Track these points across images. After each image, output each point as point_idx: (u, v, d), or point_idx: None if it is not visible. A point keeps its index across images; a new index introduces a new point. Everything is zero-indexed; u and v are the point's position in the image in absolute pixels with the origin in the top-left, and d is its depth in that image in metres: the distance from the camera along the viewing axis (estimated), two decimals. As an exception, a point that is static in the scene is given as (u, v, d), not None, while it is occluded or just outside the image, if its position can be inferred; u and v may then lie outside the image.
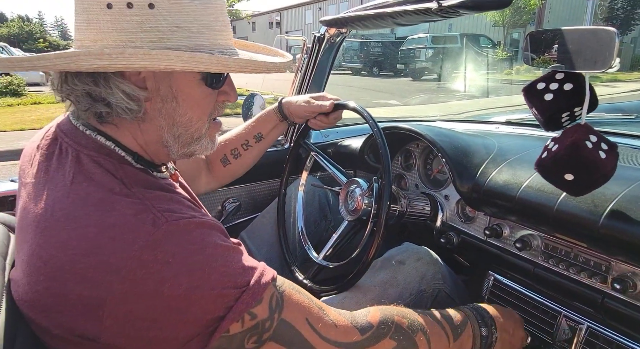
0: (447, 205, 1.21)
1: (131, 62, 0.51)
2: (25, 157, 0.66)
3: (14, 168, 4.94)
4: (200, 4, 0.57)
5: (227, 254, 0.55)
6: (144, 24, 0.54)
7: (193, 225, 0.53)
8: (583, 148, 0.69)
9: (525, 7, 17.02)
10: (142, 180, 0.58)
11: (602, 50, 0.65)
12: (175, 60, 0.52)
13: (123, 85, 0.55)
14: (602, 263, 0.82)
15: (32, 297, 0.53)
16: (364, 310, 0.70)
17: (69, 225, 0.51)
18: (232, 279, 0.54)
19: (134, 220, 0.51)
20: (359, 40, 16.75)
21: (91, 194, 0.53)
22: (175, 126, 0.62)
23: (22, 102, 9.51)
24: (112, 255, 0.49)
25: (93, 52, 0.51)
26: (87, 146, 0.58)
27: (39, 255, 0.52)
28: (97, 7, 0.54)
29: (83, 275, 0.49)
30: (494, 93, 5.42)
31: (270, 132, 1.15)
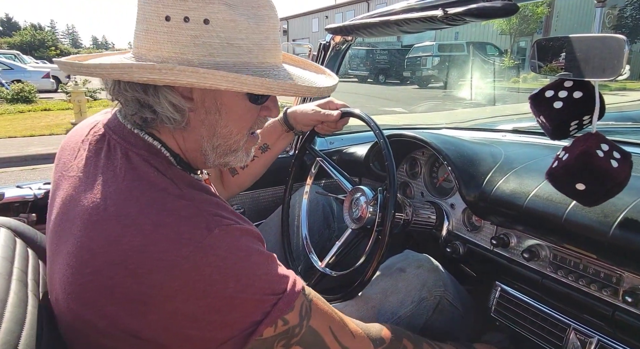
0: (453, 213, 1.19)
1: (179, 78, 0.53)
2: (66, 149, 0.68)
3: (23, 174, 5.00)
4: (253, 22, 0.58)
5: (267, 262, 0.58)
6: (197, 39, 0.56)
7: (240, 232, 0.56)
8: (594, 157, 0.67)
9: (532, 15, 17.02)
10: (188, 180, 0.60)
11: (611, 58, 0.64)
12: (220, 79, 0.54)
13: (170, 96, 0.58)
14: (613, 274, 0.80)
15: (76, 289, 0.54)
16: (377, 325, 0.75)
17: (122, 220, 0.52)
18: (272, 286, 0.56)
19: (189, 222, 0.53)
20: (365, 48, 16.83)
21: (145, 193, 0.55)
22: (215, 137, 0.64)
23: (32, 109, 9.65)
24: (166, 253, 0.50)
25: (145, 66, 0.54)
26: (135, 145, 0.60)
27: (88, 247, 0.53)
28: (156, 19, 0.56)
29: (134, 270, 0.50)
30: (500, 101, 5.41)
31: (276, 142, 1.15)
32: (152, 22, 0.57)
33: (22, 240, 0.77)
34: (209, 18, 0.56)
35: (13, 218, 0.84)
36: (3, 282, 0.62)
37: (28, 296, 0.63)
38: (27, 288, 0.65)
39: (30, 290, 0.65)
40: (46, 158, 5.60)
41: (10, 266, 0.67)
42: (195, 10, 0.55)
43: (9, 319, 0.56)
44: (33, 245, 0.79)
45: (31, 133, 6.91)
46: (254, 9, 0.59)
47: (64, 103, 10.02)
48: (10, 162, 5.42)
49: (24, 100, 10.43)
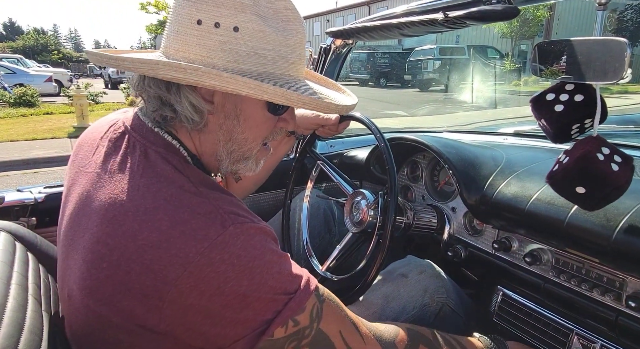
0: (454, 217, 1.19)
1: (203, 79, 0.54)
2: (83, 146, 0.69)
3: (25, 177, 5.01)
4: (281, 35, 0.60)
5: (281, 261, 0.58)
6: (225, 45, 0.57)
7: (254, 230, 0.56)
8: (593, 160, 0.67)
9: (533, 18, 17.04)
10: (205, 180, 0.61)
11: (612, 61, 0.64)
12: (242, 85, 0.55)
13: (191, 96, 0.59)
14: (616, 279, 0.79)
15: (92, 284, 0.54)
16: (393, 329, 0.73)
17: (139, 216, 0.53)
18: (284, 285, 0.57)
19: (205, 219, 0.53)
20: (366, 51, 16.87)
21: (162, 189, 0.55)
22: (231, 142, 0.65)
23: (35, 112, 9.68)
24: (182, 249, 0.51)
25: (172, 65, 0.55)
26: (155, 143, 0.61)
27: (105, 242, 0.53)
28: (188, 22, 0.58)
29: (150, 265, 0.51)
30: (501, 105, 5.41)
31: (278, 147, 1.15)
32: (184, 24, 0.58)
33: (21, 244, 0.77)
34: (239, 26, 0.57)
35: (13, 222, 0.84)
36: (2, 286, 0.62)
37: (28, 300, 0.63)
38: (27, 292, 0.65)
39: (31, 294, 0.65)
40: (48, 162, 5.61)
41: (10, 271, 0.67)
42: (226, 17, 0.57)
43: (8, 324, 0.55)
44: (33, 249, 0.79)
45: (33, 136, 6.94)
46: (283, 22, 0.61)
47: (66, 107, 10.07)
48: (13, 166, 5.43)
49: (27, 104, 10.47)
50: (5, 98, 10.65)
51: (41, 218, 1.08)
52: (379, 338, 0.68)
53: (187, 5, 0.58)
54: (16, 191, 1.09)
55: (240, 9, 0.57)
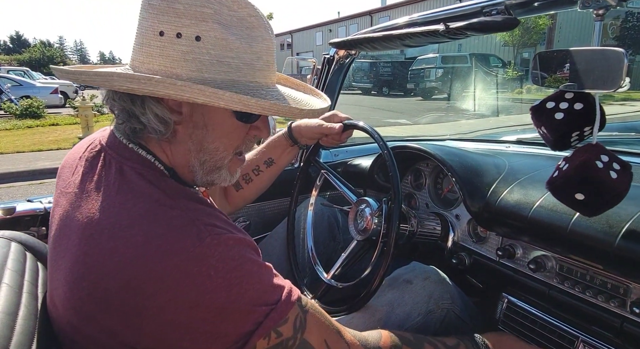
0: (458, 224, 1.19)
1: (157, 89, 0.54)
2: (65, 167, 0.69)
3: (31, 188, 5.04)
4: (245, 43, 0.60)
5: (261, 271, 0.57)
6: (187, 55, 0.57)
7: (232, 241, 0.55)
8: (593, 168, 0.68)
9: (535, 27, 17.11)
10: (183, 192, 0.61)
11: (611, 70, 0.65)
12: (197, 93, 0.54)
13: (155, 108, 0.59)
14: (620, 285, 0.79)
15: (75, 304, 0.54)
16: (376, 334, 0.73)
17: (115, 233, 0.53)
18: (264, 296, 0.56)
19: (180, 232, 0.53)
20: (369, 60, 16.96)
21: (137, 205, 0.55)
22: (202, 152, 0.64)
23: (40, 124, 9.78)
24: (158, 263, 0.51)
25: (126, 75, 0.55)
26: (130, 159, 0.61)
27: (83, 261, 0.54)
28: (151, 34, 0.58)
29: (128, 282, 0.51)
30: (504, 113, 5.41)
31: (281, 156, 1.16)
32: (147, 36, 0.59)
33: (32, 254, 0.78)
34: (201, 35, 0.57)
35: (23, 232, 0.86)
36: (14, 295, 0.63)
37: (38, 309, 0.64)
38: (37, 301, 0.66)
39: (41, 303, 0.66)
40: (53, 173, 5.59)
41: (21, 280, 0.68)
42: (188, 27, 0.57)
43: (20, 332, 0.56)
44: (42, 259, 0.80)
45: (39, 148, 7.00)
46: (248, 29, 0.61)
47: (71, 118, 10.17)
48: (19, 177, 5.47)
49: (33, 116, 10.59)
50: (11, 110, 10.78)
51: None
52: (364, 343, 0.70)
53: (149, 18, 0.58)
54: (26, 201, 1.11)
55: (202, 18, 0.57)
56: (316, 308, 0.64)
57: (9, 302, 0.60)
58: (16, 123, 9.66)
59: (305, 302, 0.62)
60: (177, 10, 0.57)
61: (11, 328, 0.56)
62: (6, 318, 0.57)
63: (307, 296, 1.08)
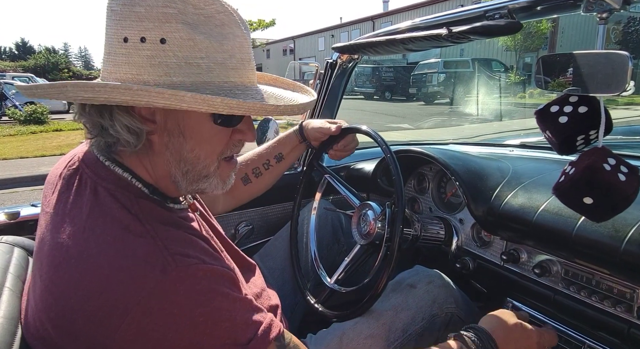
0: (462, 229, 1.19)
1: (112, 95, 0.51)
2: (48, 184, 0.67)
3: (34, 194, 5.05)
4: (215, 41, 0.56)
5: (232, 307, 0.54)
6: (153, 59, 0.54)
7: (202, 273, 0.52)
8: (600, 171, 0.67)
9: (537, 31, 17.13)
10: (157, 215, 0.58)
11: (615, 74, 0.65)
12: (156, 96, 0.51)
13: (123, 118, 0.56)
14: (626, 290, 0.78)
15: (45, 334, 0.53)
16: None
17: (81, 263, 0.51)
18: (234, 335, 0.53)
19: (144, 265, 0.51)
20: (371, 65, 17.02)
21: (106, 231, 0.53)
22: (182, 162, 0.61)
23: (44, 129, 9.84)
24: (121, 298, 0.49)
25: (79, 84, 0.52)
26: (105, 178, 0.59)
27: (50, 290, 0.52)
28: (116, 41, 0.56)
29: (92, 315, 0.49)
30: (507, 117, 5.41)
31: (290, 152, 1.17)
32: (112, 44, 0.56)
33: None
34: (166, 37, 0.54)
35: (26, 237, 0.86)
36: (17, 300, 0.63)
37: None
38: None
39: None
40: None
41: (22, 285, 0.68)
42: (151, 30, 0.54)
43: (21, 338, 0.56)
44: None
45: (42, 153, 7.03)
46: (217, 27, 0.57)
47: (74, 124, 10.15)
48: (22, 182, 5.48)
49: (37, 121, 10.66)
50: (16, 116, 10.86)
51: None
52: None
53: (113, 25, 0.56)
54: (30, 206, 1.11)
55: (165, 19, 0.54)
56: (299, 345, 0.60)
57: (11, 307, 0.60)
58: (20, 129, 9.73)
59: (288, 340, 0.58)
60: (139, 13, 0.54)
61: (12, 334, 0.56)
62: (8, 323, 0.57)
63: (310, 300, 1.07)
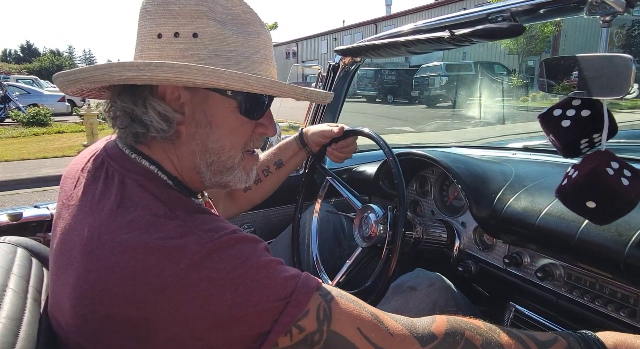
0: (464, 232, 1.18)
1: (156, 73, 0.54)
2: (67, 178, 0.68)
3: (34, 196, 5.06)
4: (242, 37, 0.61)
5: (268, 266, 0.54)
6: (186, 51, 0.58)
7: (234, 240, 0.54)
8: (603, 175, 0.67)
9: (540, 35, 17.12)
10: (184, 204, 0.60)
11: (618, 77, 0.65)
12: (197, 73, 0.54)
13: (157, 105, 0.58)
14: (630, 295, 0.78)
15: (78, 322, 0.53)
16: (428, 318, 0.63)
17: (116, 248, 0.52)
18: (275, 291, 0.53)
19: (179, 242, 0.52)
20: (374, 68, 17.03)
21: (137, 218, 0.54)
22: (207, 152, 0.63)
23: (47, 131, 9.87)
24: (159, 275, 0.50)
25: (124, 64, 0.54)
26: (132, 170, 0.60)
27: (85, 278, 0.53)
28: (150, 38, 0.59)
29: (130, 296, 0.50)
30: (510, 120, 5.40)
31: (290, 159, 1.17)
32: (146, 41, 0.60)
33: (37, 260, 0.78)
34: (198, 32, 0.58)
35: (29, 237, 0.86)
36: (19, 301, 0.63)
37: (42, 315, 0.64)
38: (41, 307, 0.66)
39: (43, 310, 0.66)
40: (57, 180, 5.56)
41: (26, 285, 0.68)
42: (184, 26, 0.58)
43: (23, 338, 0.56)
44: (48, 264, 0.80)
45: (44, 155, 7.04)
46: (243, 26, 0.62)
47: (77, 126, 10.25)
48: (22, 184, 5.47)
49: (39, 123, 10.69)
50: (19, 118, 10.90)
51: None
52: (411, 329, 0.59)
53: (146, 24, 0.60)
54: (33, 207, 1.12)
55: (197, 15, 0.58)
56: (343, 295, 0.59)
57: (14, 307, 0.60)
58: (23, 131, 9.76)
59: (329, 290, 0.57)
60: (173, 11, 0.58)
61: (15, 334, 0.56)
62: (10, 324, 0.57)
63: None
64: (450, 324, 0.62)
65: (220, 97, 0.61)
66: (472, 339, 0.60)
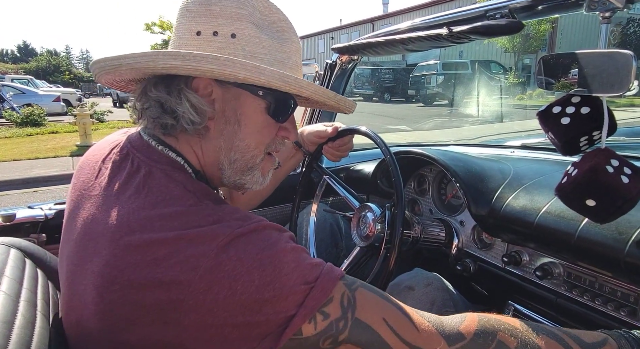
0: (463, 231, 1.18)
1: (200, 64, 0.55)
2: (84, 168, 0.68)
3: (24, 196, 5.01)
4: (277, 42, 0.65)
5: (295, 252, 0.55)
6: (223, 50, 0.61)
7: (262, 227, 0.55)
8: (603, 173, 0.66)
9: (536, 33, 17.17)
10: (210, 194, 0.61)
11: (618, 73, 0.64)
12: (240, 68, 0.57)
13: (191, 96, 0.60)
14: (630, 293, 0.77)
15: (106, 307, 0.53)
16: (458, 317, 0.61)
17: (146, 234, 0.53)
18: (302, 275, 0.53)
19: (208, 227, 0.53)
20: (370, 67, 17.04)
21: (167, 207, 0.55)
22: (233, 150, 0.65)
23: (40, 132, 9.81)
24: (192, 255, 0.50)
25: (170, 53, 0.56)
26: (159, 161, 0.61)
27: (114, 264, 0.53)
28: (188, 34, 0.62)
29: (162, 278, 0.50)
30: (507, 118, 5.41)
31: (286, 160, 1.16)
32: (184, 38, 0.62)
33: (31, 261, 0.77)
34: (236, 33, 0.61)
35: (23, 238, 0.85)
36: (11, 303, 0.62)
37: (37, 317, 0.63)
38: (36, 309, 0.65)
39: (39, 311, 0.65)
40: (48, 181, 5.61)
41: (19, 287, 0.67)
42: (224, 26, 0.61)
43: (15, 342, 0.55)
44: (42, 266, 0.79)
45: (36, 155, 6.99)
46: (278, 32, 0.66)
47: (71, 126, 10.19)
48: (12, 185, 5.43)
49: (33, 124, 10.63)
50: (12, 118, 10.83)
51: (51, 235, 1.09)
52: (438, 327, 0.57)
53: (186, 22, 0.62)
54: (27, 208, 1.10)
55: (237, 18, 0.61)
56: (368, 286, 0.58)
57: (5, 310, 0.59)
58: (16, 131, 9.70)
59: (353, 280, 0.57)
60: (214, 11, 0.61)
61: (7, 337, 0.55)
62: (2, 327, 0.55)
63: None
64: (482, 324, 0.59)
65: (251, 96, 0.63)
66: (506, 341, 0.58)
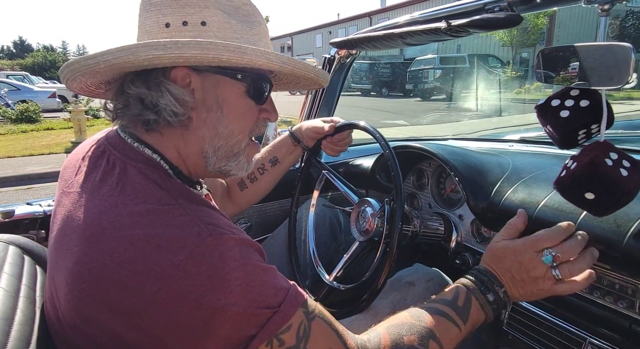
0: (462, 225, 1.18)
1: (183, 51, 0.55)
2: (68, 168, 0.69)
3: (17, 194, 4.99)
4: (246, 26, 0.65)
5: (263, 273, 0.56)
6: (196, 38, 0.60)
7: (234, 242, 0.54)
8: (602, 166, 0.66)
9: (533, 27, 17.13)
10: (185, 193, 0.60)
11: (617, 66, 0.64)
12: (222, 50, 0.57)
13: (172, 87, 0.59)
14: (628, 286, 0.78)
15: (76, 305, 0.53)
16: (375, 335, 0.68)
17: (115, 233, 0.52)
18: (266, 298, 0.54)
19: (180, 231, 0.52)
20: (368, 61, 16.99)
21: (139, 205, 0.55)
22: (217, 137, 0.65)
23: (35, 128, 9.75)
24: (158, 262, 0.50)
25: (150, 43, 0.55)
26: (134, 158, 0.61)
27: (84, 262, 0.53)
28: (157, 28, 0.61)
29: (127, 282, 0.50)
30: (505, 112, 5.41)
31: (286, 156, 1.16)
32: (153, 32, 0.61)
33: (30, 257, 0.77)
34: (206, 21, 0.61)
35: (22, 235, 0.85)
36: (10, 300, 0.62)
37: (36, 313, 0.63)
38: (35, 305, 0.65)
39: (38, 307, 0.65)
40: (42, 178, 5.58)
41: (18, 284, 0.67)
42: (192, 15, 0.61)
43: (15, 338, 0.55)
44: (41, 262, 0.79)
45: (30, 152, 6.94)
46: (245, 16, 0.66)
47: (66, 123, 10.12)
48: (6, 182, 5.39)
49: (29, 120, 10.55)
50: (7, 115, 10.75)
51: None
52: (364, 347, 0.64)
53: (152, 15, 0.62)
54: (26, 204, 1.10)
55: (204, 5, 0.61)
56: (323, 314, 0.62)
57: (5, 307, 0.59)
58: (11, 128, 9.63)
59: (313, 307, 0.60)
60: (180, 2, 0.61)
61: (7, 334, 0.55)
62: (1, 324, 0.56)
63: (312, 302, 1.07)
64: (392, 337, 0.67)
65: (230, 82, 0.63)
66: (411, 342, 0.66)
